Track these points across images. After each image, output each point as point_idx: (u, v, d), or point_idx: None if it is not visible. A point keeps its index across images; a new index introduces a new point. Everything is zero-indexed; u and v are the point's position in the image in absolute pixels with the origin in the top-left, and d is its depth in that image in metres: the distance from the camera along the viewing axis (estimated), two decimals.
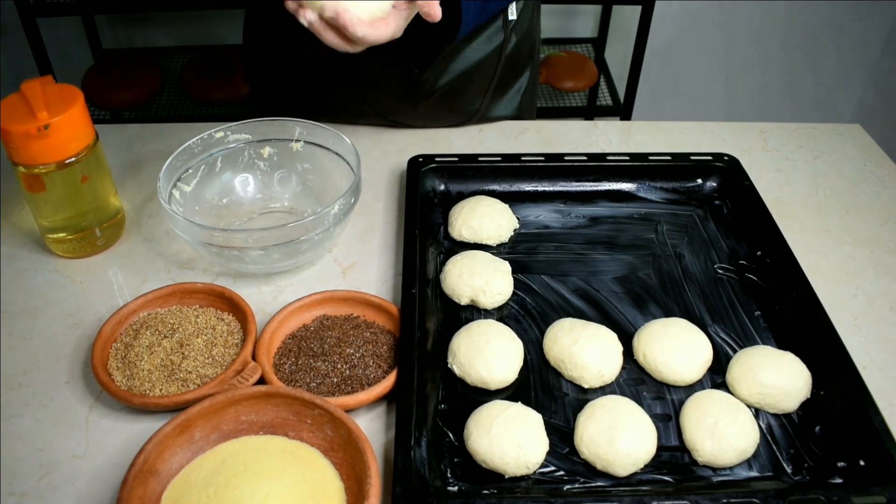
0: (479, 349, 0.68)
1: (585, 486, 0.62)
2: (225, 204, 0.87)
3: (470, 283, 0.76)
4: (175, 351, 0.70)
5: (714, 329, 0.75)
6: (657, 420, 0.66)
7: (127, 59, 2.01)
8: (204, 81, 1.96)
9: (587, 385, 0.69)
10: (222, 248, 0.75)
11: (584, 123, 1.08)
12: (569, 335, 0.70)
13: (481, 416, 0.63)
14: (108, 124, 1.05)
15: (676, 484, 0.62)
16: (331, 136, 0.85)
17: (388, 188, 0.94)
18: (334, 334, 0.72)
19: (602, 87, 2.13)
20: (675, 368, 0.69)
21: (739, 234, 0.85)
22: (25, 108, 0.74)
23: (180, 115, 1.97)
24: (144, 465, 0.57)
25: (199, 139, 0.84)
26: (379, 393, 0.66)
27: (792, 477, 0.62)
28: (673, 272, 0.81)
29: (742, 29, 2.20)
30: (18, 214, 0.89)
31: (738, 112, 2.37)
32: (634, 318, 0.76)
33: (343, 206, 0.77)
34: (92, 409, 0.68)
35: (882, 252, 0.86)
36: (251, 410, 0.63)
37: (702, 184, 0.91)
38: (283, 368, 0.69)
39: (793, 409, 0.67)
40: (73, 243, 0.82)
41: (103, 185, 0.82)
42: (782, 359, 0.68)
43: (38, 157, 0.75)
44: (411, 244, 0.78)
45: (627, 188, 0.91)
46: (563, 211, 0.89)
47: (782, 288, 0.76)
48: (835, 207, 0.93)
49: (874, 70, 2.31)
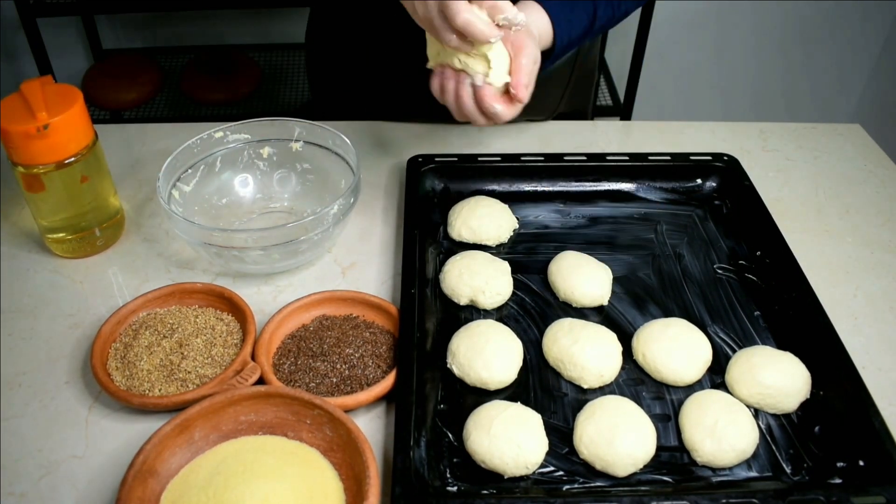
0: (478, 349, 0.68)
1: (585, 487, 0.61)
2: (224, 204, 0.87)
3: (469, 284, 0.76)
4: (174, 351, 0.70)
5: (714, 329, 0.75)
6: (657, 420, 0.66)
7: (127, 59, 2.01)
8: (204, 81, 1.96)
9: (586, 385, 0.69)
10: (222, 248, 0.75)
11: (583, 123, 1.08)
12: (568, 335, 0.70)
13: (481, 416, 0.63)
14: (108, 124, 1.05)
15: (676, 484, 0.62)
16: (330, 136, 0.85)
17: (388, 188, 0.94)
18: (334, 334, 0.72)
19: (602, 87, 2.13)
20: (675, 368, 0.69)
21: (739, 235, 0.85)
22: (25, 108, 0.74)
23: (180, 115, 1.97)
24: (144, 466, 0.57)
25: (198, 139, 0.84)
26: (378, 393, 0.66)
27: (791, 477, 0.62)
28: (672, 272, 0.81)
29: (742, 29, 2.20)
30: (18, 214, 0.89)
31: (738, 112, 2.37)
32: (634, 319, 0.76)
33: (343, 206, 0.77)
34: (91, 409, 0.68)
35: (882, 252, 0.86)
36: (250, 410, 0.63)
37: (701, 184, 0.91)
38: (282, 368, 0.69)
39: (792, 409, 0.67)
40: (72, 243, 0.82)
41: (103, 186, 0.82)
42: (782, 359, 0.68)
43: (37, 157, 0.75)
44: (411, 244, 0.78)
45: (627, 188, 0.91)
46: (563, 211, 0.88)
47: (782, 288, 0.76)
48: (835, 207, 0.93)
49: (874, 70, 2.30)
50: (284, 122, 0.87)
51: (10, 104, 0.74)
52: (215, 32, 2.12)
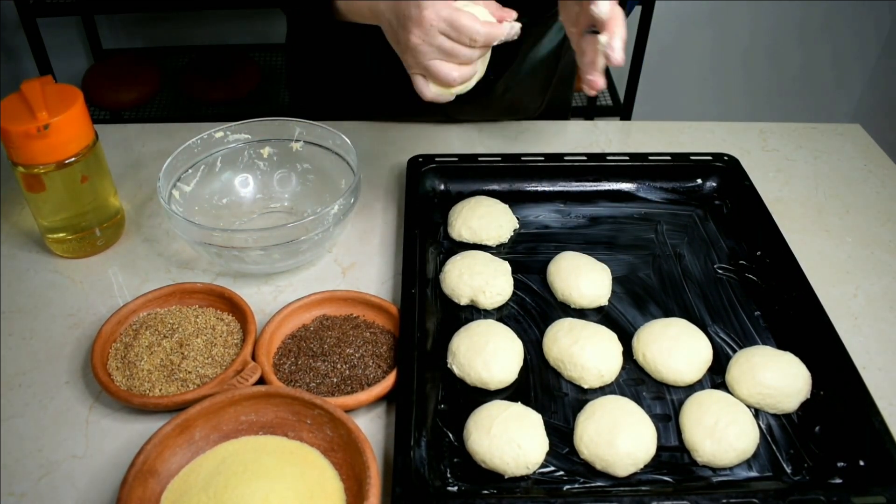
0: (478, 349, 0.68)
1: (585, 487, 0.61)
2: (225, 204, 0.87)
3: (470, 284, 0.76)
4: (175, 351, 0.70)
5: (714, 329, 0.75)
6: (657, 420, 0.66)
7: (127, 59, 2.01)
8: (204, 81, 1.96)
9: (587, 385, 0.69)
10: (222, 248, 0.75)
11: (584, 123, 1.08)
12: (568, 335, 0.70)
13: (481, 416, 0.63)
14: (108, 124, 1.05)
15: (676, 484, 0.62)
16: (330, 136, 0.85)
17: (388, 188, 0.94)
18: (334, 334, 0.72)
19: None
20: (675, 368, 0.69)
21: (739, 234, 0.85)
22: (25, 108, 0.74)
23: (180, 115, 1.97)
24: (144, 466, 0.57)
25: (199, 139, 0.84)
26: (378, 393, 0.66)
27: (792, 477, 0.62)
28: (673, 272, 0.81)
29: (742, 29, 2.20)
30: (18, 214, 0.89)
31: (738, 112, 2.37)
32: (634, 319, 0.76)
33: (343, 206, 0.77)
34: (92, 409, 0.68)
35: (882, 252, 0.86)
36: (251, 410, 0.63)
37: (702, 184, 0.91)
38: (282, 368, 0.69)
39: (793, 409, 0.67)
40: (73, 243, 0.82)
41: (103, 185, 0.82)
42: (782, 359, 0.68)
43: (37, 157, 0.75)
44: (411, 244, 0.78)
45: (627, 188, 0.91)
46: (563, 211, 0.89)
47: (782, 288, 0.76)
48: (835, 207, 0.93)
49: (874, 70, 2.31)
50: (284, 121, 0.87)
51: (11, 104, 0.74)
52: (215, 32, 2.12)
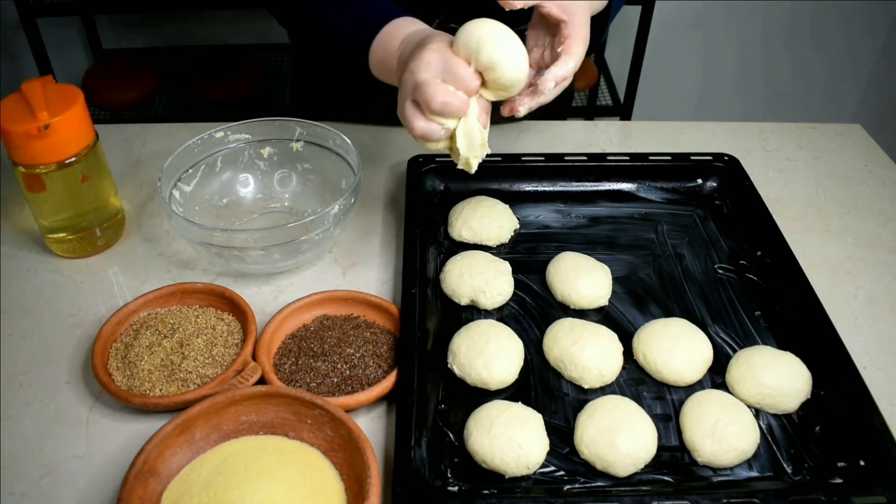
0: (479, 349, 0.68)
1: (585, 487, 0.61)
2: (225, 204, 0.87)
3: (470, 284, 0.76)
4: (175, 351, 0.70)
5: (714, 329, 0.75)
6: (657, 420, 0.66)
7: (127, 59, 2.01)
8: (204, 81, 1.96)
9: (587, 385, 0.69)
10: (222, 248, 0.75)
11: (584, 123, 1.08)
12: (569, 335, 0.70)
13: (481, 416, 0.63)
14: (108, 124, 1.05)
15: (676, 484, 0.62)
16: (331, 136, 0.85)
17: (388, 188, 0.94)
18: (334, 334, 0.72)
19: (602, 87, 2.13)
20: (675, 368, 0.69)
21: (739, 234, 0.85)
22: (25, 108, 0.74)
23: (180, 115, 1.97)
24: (144, 466, 0.57)
25: (199, 139, 0.84)
26: (379, 393, 0.66)
27: (792, 477, 0.62)
28: (673, 272, 0.81)
29: (742, 29, 2.20)
30: (18, 214, 0.89)
31: (738, 112, 2.37)
32: (634, 319, 0.76)
33: (343, 206, 0.77)
34: (92, 409, 0.68)
35: (882, 252, 0.86)
36: (251, 410, 0.63)
37: (702, 184, 0.91)
38: (283, 368, 0.69)
39: (793, 409, 0.67)
40: (73, 243, 0.82)
41: (103, 185, 0.82)
42: (782, 359, 0.68)
43: (38, 157, 0.75)
44: (411, 244, 0.78)
45: (627, 188, 0.91)
46: (564, 211, 0.88)
47: (782, 288, 0.76)
48: (835, 207, 0.93)
49: (874, 70, 2.31)
50: (285, 122, 0.87)
51: (11, 104, 0.74)
52: (215, 32, 2.12)
